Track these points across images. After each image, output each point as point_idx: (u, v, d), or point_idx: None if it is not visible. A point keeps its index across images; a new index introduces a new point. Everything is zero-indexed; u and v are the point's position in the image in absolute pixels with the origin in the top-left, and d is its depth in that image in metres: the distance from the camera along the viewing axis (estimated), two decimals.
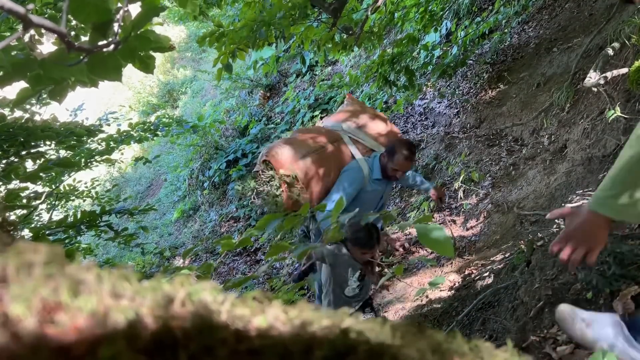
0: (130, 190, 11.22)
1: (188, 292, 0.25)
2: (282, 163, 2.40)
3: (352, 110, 2.88)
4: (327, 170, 2.48)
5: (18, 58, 0.77)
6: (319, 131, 2.67)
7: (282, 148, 2.45)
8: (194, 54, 13.94)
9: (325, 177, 2.47)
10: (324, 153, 2.50)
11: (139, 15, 0.77)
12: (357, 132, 2.68)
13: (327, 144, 2.54)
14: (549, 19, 4.68)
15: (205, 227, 6.93)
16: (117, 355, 0.19)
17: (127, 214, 3.34)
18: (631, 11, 3.13)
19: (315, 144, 2.52)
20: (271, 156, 2.43)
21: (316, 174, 2.43)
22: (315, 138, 2.55)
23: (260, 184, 2.44)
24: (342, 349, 0.25)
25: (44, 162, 2.41)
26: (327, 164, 2.49)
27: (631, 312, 1.45)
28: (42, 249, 0.24)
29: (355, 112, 2.84)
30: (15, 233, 0.93)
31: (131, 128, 3.57)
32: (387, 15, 4.12)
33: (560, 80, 3.66)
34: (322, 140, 2.55)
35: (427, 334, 0.30)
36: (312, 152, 2.47)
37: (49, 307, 0.21)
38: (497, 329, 1.91)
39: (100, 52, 0.71)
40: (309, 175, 2.41)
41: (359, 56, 6.97)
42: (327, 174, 2.48)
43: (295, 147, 2.46)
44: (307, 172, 2.41)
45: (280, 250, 0.88)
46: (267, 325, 0.25)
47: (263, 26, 2.79)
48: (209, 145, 7.73)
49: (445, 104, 5.16)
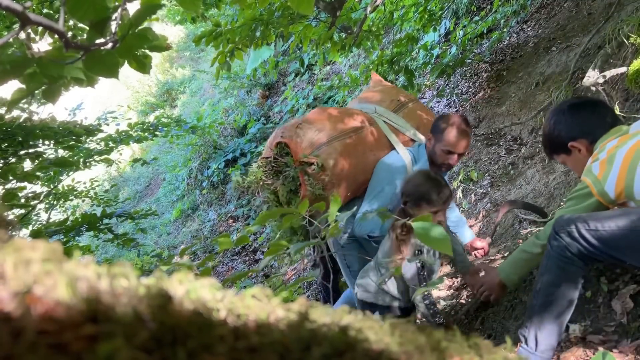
0: (129, 189, 11.20)
1: (187, 289, 0.25)
2: (302, 147, 1.87)
3: (384, 91, 2.31)
4: (361, 160, 1.93)
5: (15, 56, 0.76)
6: (347, 112, 2.07)
7: (303, 128, 1.93)
8: (193, 53, 13.92)
9: (357, 168, 1.91)
10: (357, 138, 1.94)
11: (137, 12, 0.77)
12: (394, 117, 2.10)
13: (360, 128, 1.98)
14: (548, 18, 4.69)
15: (204, 227, 6.92)
16: (115, 351, 0.19)
17: (128, 218, 3.34)
18: (630, 10, 3.13)
19: (345, 126, 1.95)
20: (289, 137, 1.90)
21: (346, 165, 1.89)
22: (344, 119, 1.99)
23: (269, 175, 1.93)
24: (341, 347, 0.25)
25: (42, 161, 2.40)
26: (361, 152, 1.94)
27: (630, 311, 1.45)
28: (40, 245, 0.23)
29: (388, 94, 2.27)
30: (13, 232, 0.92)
31: (130, 128, 3.57)
32: (386, 14, 4.13)
33: (559, 79, 3.66)
34: (353, 122, 1.99)
35: (426, 332, 0.29)
36: (342, 136, 1.91)
37: (48, 304, 0.21)
38: (496, 327, 1.91)
39: (97, 50, 0.71)
40: (338, 165, 1.86)
41: (358, 56, 6.97)
42: (360, 164, 1.93)
43: (320, 128, 1.92)
44: (337, 162, 1.86)
45: (279, 249, 0.87)
46: (265, 322, 0.25)
47: (262, 25, 2.79)
48: (208, 145, 7.73)
49: (444, 103, 5.16)
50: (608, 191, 1.32)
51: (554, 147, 1.63)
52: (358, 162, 1.92)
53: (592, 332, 1.49)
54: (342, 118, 1.99)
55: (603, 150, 1.38)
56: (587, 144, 1.49)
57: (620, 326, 1.45)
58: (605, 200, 1.33)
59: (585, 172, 1.41)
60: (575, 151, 1.53)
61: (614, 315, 1.48)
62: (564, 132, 1.54)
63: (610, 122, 1.48)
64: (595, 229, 1.26)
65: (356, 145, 1.93)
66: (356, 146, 1.93)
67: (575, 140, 1.51)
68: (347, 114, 2.04)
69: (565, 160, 1.61)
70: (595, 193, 1.35)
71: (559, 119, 1.57)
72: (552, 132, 1.59)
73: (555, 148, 1.61)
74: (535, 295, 1.41)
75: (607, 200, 1.33)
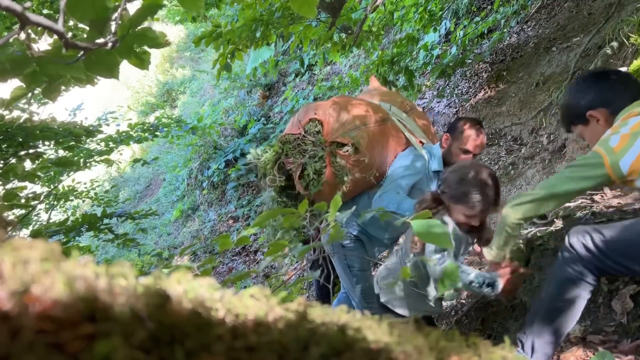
0: (129, 190, 11.21)
1: (185, 288, 0.25)
2: (335, 128, 1.81)
3: (389, 94, 2.33)
4: (384, 151, 1.93)
5: (15, 55, 0.76)
6: (369, 104, 2.04)
7: (337, 109, 1.88)
8: (193, 53, 13.92)
9: (380, 158, 1.91)
10: (383, 128, 1.94)
11: (137, 12, 0.77)
12: (406, 118, 2.12)
13: (385, 119, 1.98)
14: (548, 19, 4.69)
15: (204, 227, 6.93)
16: (113, 351, 0.19)
17: (128, 218, 3.34)
18: (630, 10, 3.13)
19: (373, 114, 1.95)
20: (323, 115, 1.84)
21: (373, 153, 1.87)
22: (369, 109, 1.97)
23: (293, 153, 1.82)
24: (340, 346, 0.25)
25: (43, 161, 2.40)
26: (385, 143, 1.93)
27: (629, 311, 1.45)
28: (39, 245, 0.23)
29: (394, 97, 2.28)
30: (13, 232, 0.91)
31: (130, 128, 3.57)
32: (386, 14, 4.13)
33: (559, 79, 3.66)
34: (377, 114, 1.98)
35: (425, 332, 0.29)
36: (372, 123, 1.91)
37: (46, 303, 0.21)
38: (496, 328, 1.91)
39: (97, 50, 0.71)
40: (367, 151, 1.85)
41: (358, 56, 6.97)
42: (383, 155, 1.93)
43: (351, 112, 1.90)
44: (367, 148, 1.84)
45: (279, 249, 0.87)
46: (264, 322, 0.25)
47: (262, 26, 2.79)
48: (208, 145, 7.73)
49: (444, 104, 5.16)
50: (622, 165, 1.22)
51: (572, 117, 1.50)
52: (382, 152, 1.91)
53: (592, 332, 1.49)
54: (367, 107, 1.97)
55: (626, 124, 1.28)
56: (607, 114, 1.38)
57: (620, 326, 1.45)
58: (615, 174, 1.24)
59: (601, 142, 1.31)
60: (594, 121, 1.43)
61: (614, 315, 1.48)
62: (584, 101, 1.44)
63: (635, 94, 1.37)
64: (610, 239, 1.23)
65: (382, 135, 1.91)
66: (382, 136, 1.91)
67: (594, 109, 1.41)
68: (368, 104, 2.02)
69: (583, 132, 1.50)
70: (607, 164, 1.24)
71: (580, 86, 1.46)
72: (572, 101, 1.48)
73: (574, 118, 1.49)
74: (540, 304, 1.40)
75: (616, 175, 1.24)
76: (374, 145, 1.87)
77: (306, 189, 1.84)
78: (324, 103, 1.97)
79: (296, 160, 1.83)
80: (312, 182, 1.81)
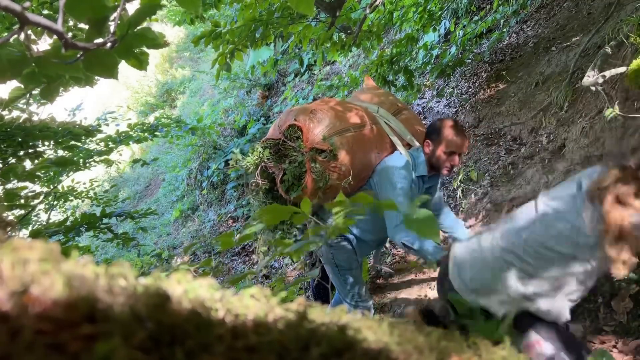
0: (129, 190, 11.20)
1: (185, 289, 0.25)
2: (315, 133, 1.81)
3: (381, 95, 2.30)
4: (366, 156, 1.92)
5: (14, 55, 0.76)
6: (352, 107, 2.02)
7: (316, 114, 1.87)
8: (192, 53, 13.92)
9: (362, 163, 1.90)
10: (365, 133, 1.92)
11: (136, 12, 0.77)
12: (394, 120, 2.10)
13: (363, 124, 1.95)
14: (547, 18, 4.69)
15: (203, 227, 6.92)
16: (112, 351, 0.19)
17: (128, 217, 3.34)
18: (629, 10, 3.13)
19: (352, 119, 1.93)
20: (303, 121, 1.84)
21: (354, 158, 1.86)
22: (351, 113, 1.96)
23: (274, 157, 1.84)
24: (340, 346, 0.25)
25: (42, 161, 2.40)
26: (367, 148, 1.92)
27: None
28: (38, 245, 0.23)
29: (386, 98, 2.26)
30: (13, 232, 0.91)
31: (130, 128, 3.56)
32: (386, 14, 4.13)
33: (559, 79, 3.66)
34: (359, 118, 1.96)
35: (425, 331, 0.29)
36: (353, 128, 1.89)
37: (45, 303, 0.20)
38: None
39: (96, 50, 0.71)
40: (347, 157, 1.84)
41: (358, 56, 6.97)
42: (365, 160, 1.92)
43: (331, 118, 1.87)
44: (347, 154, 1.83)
45: (285, 247, 0.87)
46: (264, 322, 0.25)
47: (261, 26, 2.79)
48: (208, 145, 7.73)
49: (443, 103, 5.16)
50: None
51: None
52: (364, 157, 1.90)
53: (592, 332, 1.49)
54: (348, 111, 1.97)
55: None
56: None
57: (620, 326, 1.45)
58: None
59: None
60: None
61: (614, 315, 1.48)
62: None
63: None
64: None
65: (363, 140, 1.90)
66: (363, 141, 1.90)
67: None
68: (351, 108, 2.01)
69: None
70: None
71: None
72: None
73: None
74: None
75: None
76: (354, 150, 1.86)
77: (287, 193, 1.85)
78: (305, 107, 1.96)
79: (277, 165, 1.86)
80: (292, 187, 1.83)
